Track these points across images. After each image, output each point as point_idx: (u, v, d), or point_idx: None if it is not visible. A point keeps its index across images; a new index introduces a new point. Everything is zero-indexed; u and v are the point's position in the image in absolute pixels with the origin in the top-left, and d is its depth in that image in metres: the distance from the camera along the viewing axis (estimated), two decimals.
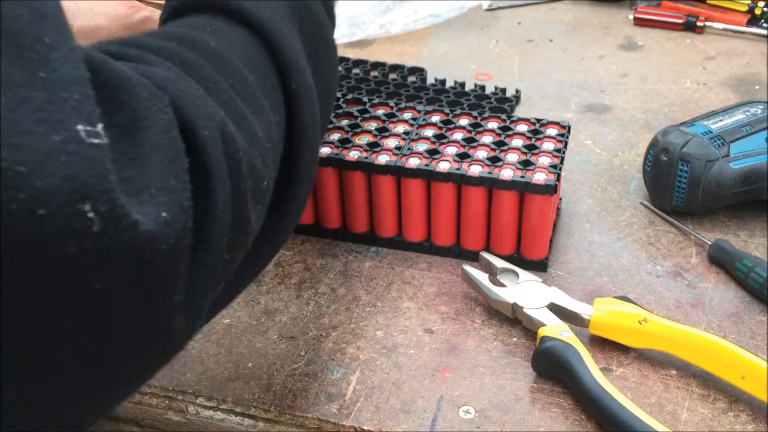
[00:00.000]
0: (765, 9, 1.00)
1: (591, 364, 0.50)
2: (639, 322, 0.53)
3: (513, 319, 0.56)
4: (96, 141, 0.26)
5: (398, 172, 0.60)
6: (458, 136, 0.64)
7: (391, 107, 0.68)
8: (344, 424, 0.50)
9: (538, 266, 0.61)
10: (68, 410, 0.30)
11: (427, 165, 0.60)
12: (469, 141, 0.63)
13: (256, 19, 0.41)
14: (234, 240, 0.36)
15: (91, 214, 0.25)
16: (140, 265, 0.28)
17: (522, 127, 0.65)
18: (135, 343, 0.30)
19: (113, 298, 0.28)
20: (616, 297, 0.55)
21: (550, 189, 0.57)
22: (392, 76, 0.87)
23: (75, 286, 0.26)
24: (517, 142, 0.63)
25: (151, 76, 0.33)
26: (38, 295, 0.26)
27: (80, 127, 0.26)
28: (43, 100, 0.25)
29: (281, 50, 0.42)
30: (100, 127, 0.26)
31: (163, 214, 0.29)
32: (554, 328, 0.53)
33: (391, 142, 0.63)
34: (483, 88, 0.83)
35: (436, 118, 0.66)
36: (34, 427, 0.29)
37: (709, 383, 0.52)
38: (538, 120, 0.65)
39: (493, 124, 0.65)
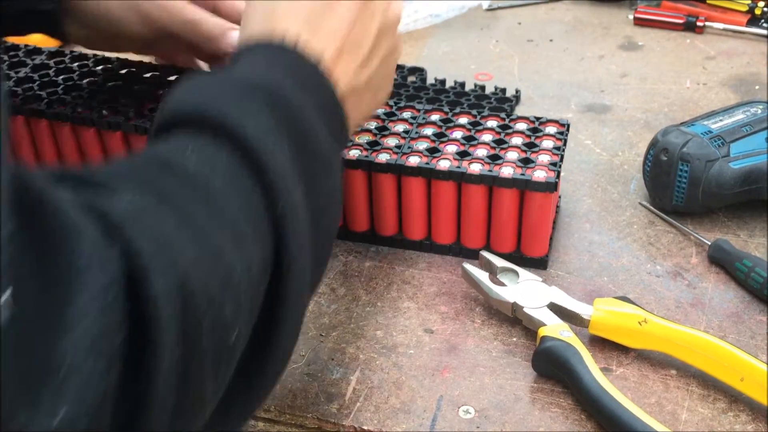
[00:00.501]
0: (765, 9, 1.00)
1: (591, 364, 0.50)
2: (639, 322, 0.53)
3: (513, 318, 0.56)
4: None
5: (398, 171, 0.60)
6: (458, 134, 0.64)
7: (391, 106, 0.68)
8: (344, 423, 0.50)
9: (538, 264, 0.61)
10: None
11: (427, 163, 0.60)
12: (469, 139, 0.63)
13: (240, 134, 0.37)
14: (181, 414, 0.30)
15: None
16: None
17: (521, 126, 0.65)
18: None
19: None
20: (616, 297, 0.55)
21: (551, 186, 0.57)
22: None
23: None
24: (517, 140, 0.63)
25: (111, 211, 0.29)
26: None
27: None
28: None
29: (265, 169, 0.37)
30: (5, 295, 0.22)
31: (62, 412, 0.24)
32: (554, 328, 0.53)
33: (390, 141, 0.63)
34: (483, 88, 0.83)
35: (435, 117, 0.66)
36: None
37: (709, 383, 0.52)
38: (538, 118, 0.65)
39: (492, 123, 0.65)
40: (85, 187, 0.31)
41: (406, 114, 0.67)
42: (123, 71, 0.71)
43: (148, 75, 0.70)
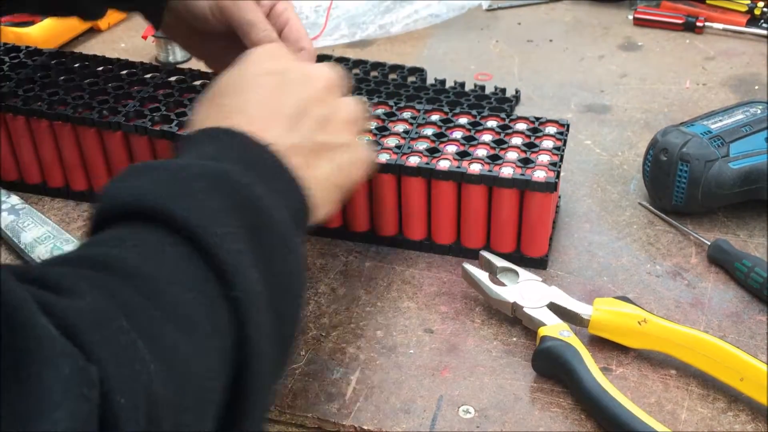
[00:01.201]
0: (764, 9, 1.00)
1: (591, 364, 0.50)
2: (638, 322, 0.53)
3: (513, 318, 0.56)
4: None
5: (398, 171, 0.60)
6: (458, 134, 0.64)
7: (391, 107, 0.68)
8: (344, 423, 0.50)
9: (538, 264, 0.61)
10: None
11: (427, 163, 0.60)
12: (469, 139, 0.63)
13: (183, 222, 0.35)
14: None
15: None
16: None
17: (521, 126, 0.65)
18: None
19: None
20: (615, 297, 0.55)
21: (551, 186, 0.57)
22: (392, 76, 0.87)
23: None
24: (517, 140, 0.63)
25: (73, 320, 0.29)
26: None
27: None
28: None
29: (215, 255, 0.35)
30: None
31: None
32: (554, 328, 0.53)
33: (391, 141, 0.63)
34: (483, 88, 0.83)
35: (435, 117, 0.66)
36: None
37: (709, 383, 0.52)
38: (537, 118, 0.65)
39: (492, 123, 0.65)
40: (45, 289, 0.30)
41: (406, 114, 0.67)
42: (123, 72, 0.71)
43: (149, 76, 0.70)
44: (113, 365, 0.28)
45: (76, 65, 0.72)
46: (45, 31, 0.90)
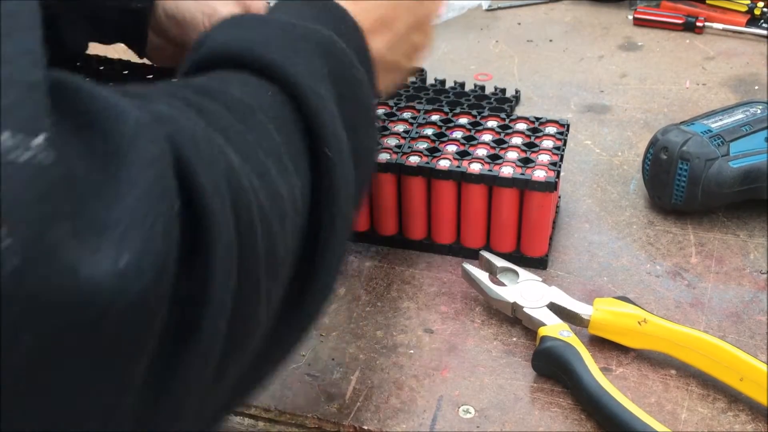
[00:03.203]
0: (764, 9, 1.00)
1: (591, 364, 0.50)
2: (638, 322, 0.53)
3: (513, 318, 0.56)
4: (23, 158, 0.21)
5: (399, 170, 0.61)
6: (458, 134, 0.64)
7: (391, 107, 0.68)
8: (344, 423, 0.50)
9: (538, 263, 0.61)
10: None
11: (427, 163, 0.60)
12: (469, 139, 0.63)
13: (291, 77, 0.36)
14: (237, 322, 0.29)
15: (4, 245, 0.20)
16: (91, 318, 0.23)
17: (521, 126, 0.65)
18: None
19: (50, 360, 0.22)
20: (615, 297, 0.55)
21: (550, 186, 0.57)
22: None
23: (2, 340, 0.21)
24: (517, 140, 0.63)
25: (150, 109, 0.29)
26: None
27: (3, 136, 0.21)
28: None
29: (316, 113, 0.36)
30: (38, 140, 0.22)
31: (125, 259, 0.23)
32: (554, 328, 0.53)
33: (391, 141, 0.63)
34: (483, 88, 0.83)
35: (435, 117, 0.66)
36: None
37: (709, 383, 0.52)
38: (537, 118, 0.65)
39: (492, 123, 0.65)
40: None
41: (406, 114, 0.67)
42: (125, 72, 0.71)
43: (150, 76, 0.70)
44: (193, 147, 0.28)
45: (78, 64, 0.72)
46: None
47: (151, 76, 0.70)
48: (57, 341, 0.22)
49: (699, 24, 0.99)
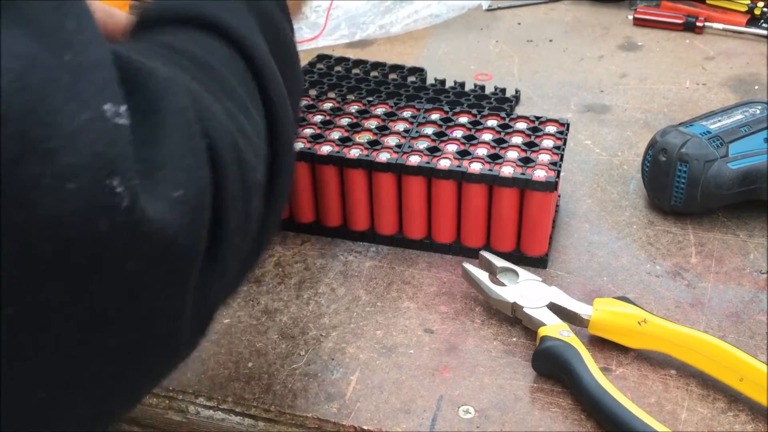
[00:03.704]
0: (764, 9, 1.00)
1: (591, 364, 0.50)
2: (638, 323, 0.53)
3: (513, 318, 0.56)
4: (120, 121, 0.27)
5: (399, 170, 0.61)
6: (458, 133, 0.64)
7: (391, 106, 0.68)
8: (344, 423, 0.50)
9: (538, 263, 0.62)
10: (87, 408, 0.30)
11: (427, 162, 0.60)
12: (469, 138, 0.63)
13: (236, 32, 0.41)
14: (243, 234, 0.36)
15: (119, 189, 0.26)
16: (164, 244, 0.28)
17: (521, 125, 0.65)
18: (153, 332, 0.30)
19: (142, 281, 0.28)
20: (615, 297, 0.55)
21: (551, 186, 0.58)
22: (392, 76, 0.87)
23: (109, 265, 0.27)
24: (517, 139, 0.63)
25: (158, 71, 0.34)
26: (73, 276, 0.26)
27: (106, 107, 0.27)
28: (70, 80, 0.26)
29: (261, 64, 0.42)
30: (123, 108, 0.27)
31: (180, 192, 0.29)
32: (554, 328, 0.53)
33: (391, 140, 0.63)
34: (483, 88, 0.83)
35: (436, 116, 0.66)
36: (56, 427, 0.29)
37: (709, 383, 0.52)
38: (537, 118, 0.65)
39: (492, 122, 0.65)
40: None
41: (406, 113, 0.67)
42: None
43: None
44: (200, 101, 0.34)
45: None
46: None
47: None
48: (146, 265, 0.28)
49: (699, 24, 0.99)
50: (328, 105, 0.69)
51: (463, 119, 0.66)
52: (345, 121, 0.66)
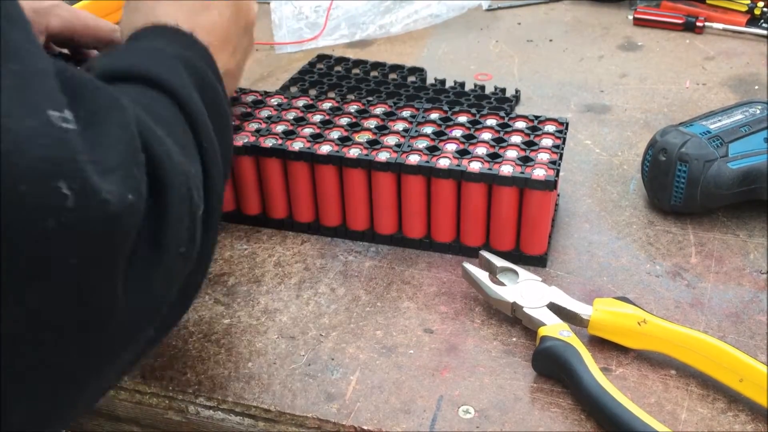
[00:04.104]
0: (764, 9, 1.00)
1: (591, 364, 0.50)
2: (638, 323, 0.53)
3: (513, 318, 0.56)
4: (66, 126, 0.29)
5: (398, 169, 0.61)
6: (458, 133, 0.64)
7: (391, 106, 0.68)
8: (344, 423, 0.50)
9: (538, 262, 0.61)
10: (43, 405, 0.32)
11: (427, 162, 0.60)
12: (469, 138, 0.63)
13: (176, 88, 0.45)
14: (186, 250, 0.39)
15: (65, 191, 0.28)
16: (109, 240, 0.31)
17: (521, 124, 0.65)
18: (88, 314, 0.32)
19: (85, 274, 0.30)
20: (615, 297, 0.55)
21: (550, 185, 0.58)
22: (392, 76, 0.87)
23: (55, 261, 0.29)
24: (516, 138, 0.63)
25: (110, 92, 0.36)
26: (20, 274, 0.28)
27: (52, 112, 0.29)
28: (17, 88, 0.28)
29: (197, 116, 0.45)
30: (68, 113, 0.29)
31: (129, 196, 0.32)
32: (554, 328, 0.53)
33: (390, 140, 0.63)
34: (483, 88, 0.83)
35: (435, 116, 0.66)
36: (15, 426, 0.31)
37: (709, 383, 0.52)
38: (537, 117, 0.65)
39: (492, 121, 0.65)
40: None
41: (406, 113, 0.67)
42: None
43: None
44: (146, 127, 0.37)
45: (73, 63, 0.72)
46: None
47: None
48: (95, 256, 0.30)
49: (699, 24, 0.99)
50: (327, 105, 0.69)
51: (463, 119, 0.66)
52: (344, 120, 0.66)
